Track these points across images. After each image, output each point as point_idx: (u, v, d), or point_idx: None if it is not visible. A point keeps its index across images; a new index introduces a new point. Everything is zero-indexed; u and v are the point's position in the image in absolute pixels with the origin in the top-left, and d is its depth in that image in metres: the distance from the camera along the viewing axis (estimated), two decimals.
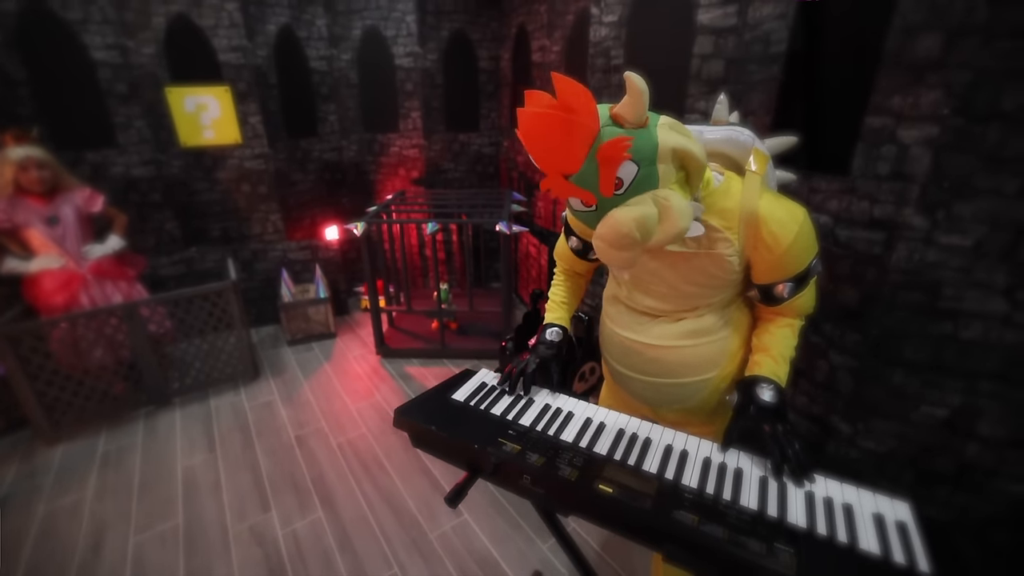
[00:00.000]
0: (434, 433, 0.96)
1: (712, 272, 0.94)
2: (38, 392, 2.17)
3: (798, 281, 0.92)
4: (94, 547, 1.75)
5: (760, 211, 0.88)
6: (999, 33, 0.99)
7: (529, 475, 0.85)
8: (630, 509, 0.77)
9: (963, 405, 1.25)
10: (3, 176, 2.10)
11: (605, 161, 0.75)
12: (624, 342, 1.10)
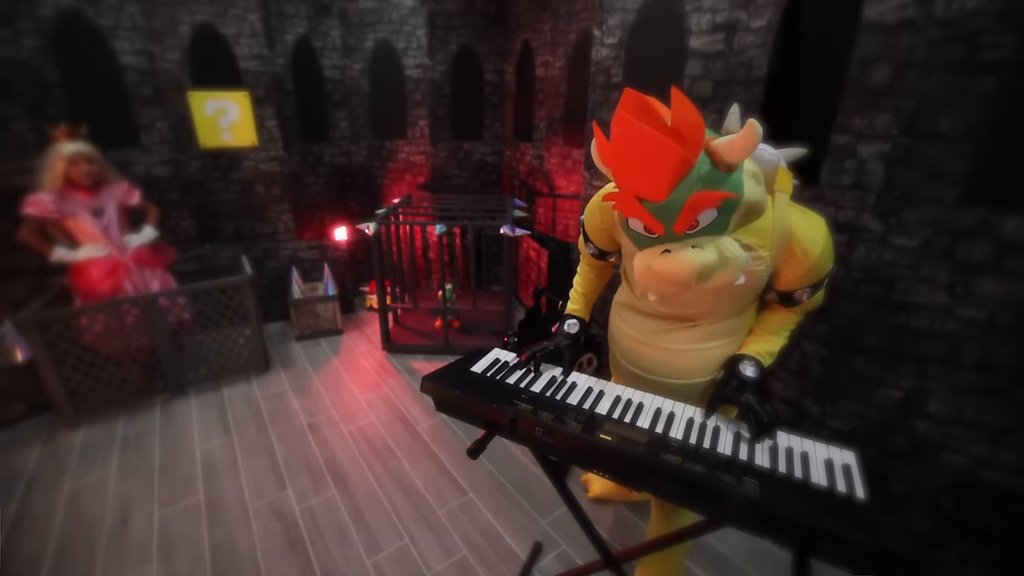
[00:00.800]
0: (457, 396, 1.11)
1: (742, 290, 1.02)
2: (63, 377, 2.29)
3: (816, 287, 1.03)
4: (121, 520, 1.87)
5: (792, 229, 0.94)
6: (936, 67, 1.18)
7: (541, 428, 1.00)
8: (625, 453, 0.93)
9: (914, 387, 1.42)
10: (55, 170, 2.25)
11: (694, 204, 0.76)
12: (636, 346, 1.20)
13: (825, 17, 1.44)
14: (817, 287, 1.04)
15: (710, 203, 0.77)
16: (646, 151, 0.75)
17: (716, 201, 0.77)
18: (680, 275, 0.83)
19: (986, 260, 1.27)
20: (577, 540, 1.78)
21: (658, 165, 0.75)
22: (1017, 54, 1.12)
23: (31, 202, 2.24)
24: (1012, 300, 1.26)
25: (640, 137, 0.74)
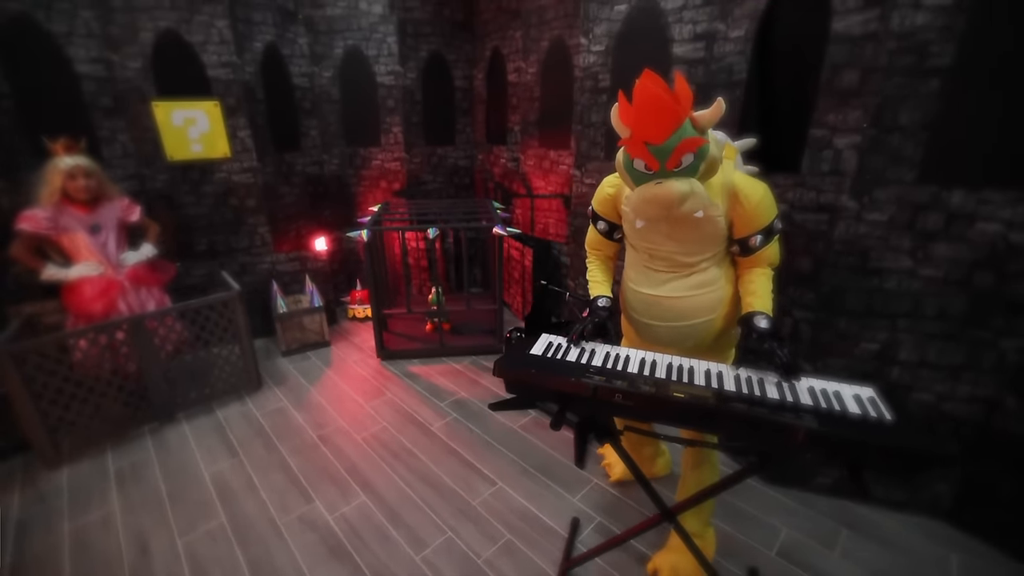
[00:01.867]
0: (535, 375, 1.21)
1: (706, 230, 1.29)
2: (42, 413, 2.10)
3: (766, 234, 1.29)
4: (141, 552, 1.76)
5: (735, 183, 1.27)
6: (895, 72, 1.44)
7: (620, 394, 1.12)
8: (701, 406, 1.07)
9: (888, 339, 1.69)
10: (52, 184, 2.14)
11: (682, 147, 1.10)
12: (647, 298, 1.43)
13: (797, 29, 1.67)
14: (767, 237, 1.30)
15: (692, 147, 1.11)
16: (656, 107, 1.07)
17: (695, 146, 1.11)
18: (667, 196, 1.14)
19: (939, 228, 1.54)
20: (610, 512, 1.92)
21: (662, 117, 1.08)
22: (955, 61, 1.40)
23: (25, 217, 2.14)
24: (960, 259, 1.55)
25: (653, 98, 1.07)
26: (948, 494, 1.80)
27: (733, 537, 1.79)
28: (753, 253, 1.31)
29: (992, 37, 1.36)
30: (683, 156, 1.12)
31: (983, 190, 1.46)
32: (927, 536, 1.78)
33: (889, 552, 1.73)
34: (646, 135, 1.12)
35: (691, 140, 1.11)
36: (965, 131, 1.44)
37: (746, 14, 1.79)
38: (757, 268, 1.35)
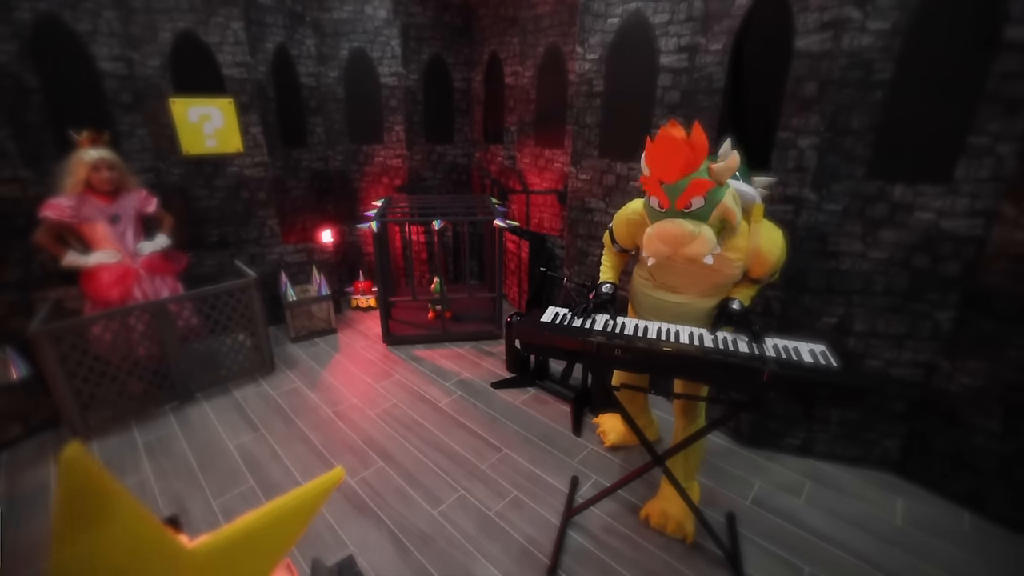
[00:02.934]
0: (547, 335, 1.43)
1: (724, 280, 1.50)
2: (75, 390, 2.24)
3: (775, 273, 1.51)
4: (179, 511, 1.92)
5: (759, 246, 1.42)
6: (846, 84, 1.70)
7: (619, 349, 1.35)
8: (688, 356, 1.30)
9: (844, 313, 1.96)
10: (77, 175, 2.26)
11: (691, 189, 1.25)
12: (655, 301, 1.65)
13: (767, 46, 1.93)
14: (775, 274, 1.53)
15: (701, 190, 1.25)
16: (671, 149, 1.23)
17: (704, 189, 1.25)
18: (672, 233, 1.28)
19: (884, 216, 1.82)
20: (606, 472, 2.15)
21: (676, 158, 1.23)
22: (894, 76, 1.67)
23: (50, 205, 2.25)
24: (902, 243, 1.82)
25: (671, 141, 1.23)
26: (895, 448, 2.08)
27: (714, 490, 2.04)
28: (761, 284, 1.55)
29: (920, 57, 1.63)
30: (692, 198, 1.26)
31: (919, 184, 1.74)
32: (877, 485, 2.06)
33: (846, 498, 1.99)
34: (661, 174, 1.27)
35: (700, 182, 1.24)
36: (903, 135, 1.71)
37: (724, 30, 2.05)
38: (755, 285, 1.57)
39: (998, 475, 1.83)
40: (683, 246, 1.29)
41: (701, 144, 1.22)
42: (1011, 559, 1.72)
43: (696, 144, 1.22)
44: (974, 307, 1.79)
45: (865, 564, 1.70)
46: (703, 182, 1.25)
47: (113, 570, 0.53)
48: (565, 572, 1.67)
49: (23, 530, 1.83)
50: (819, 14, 1.72)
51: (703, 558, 1.72)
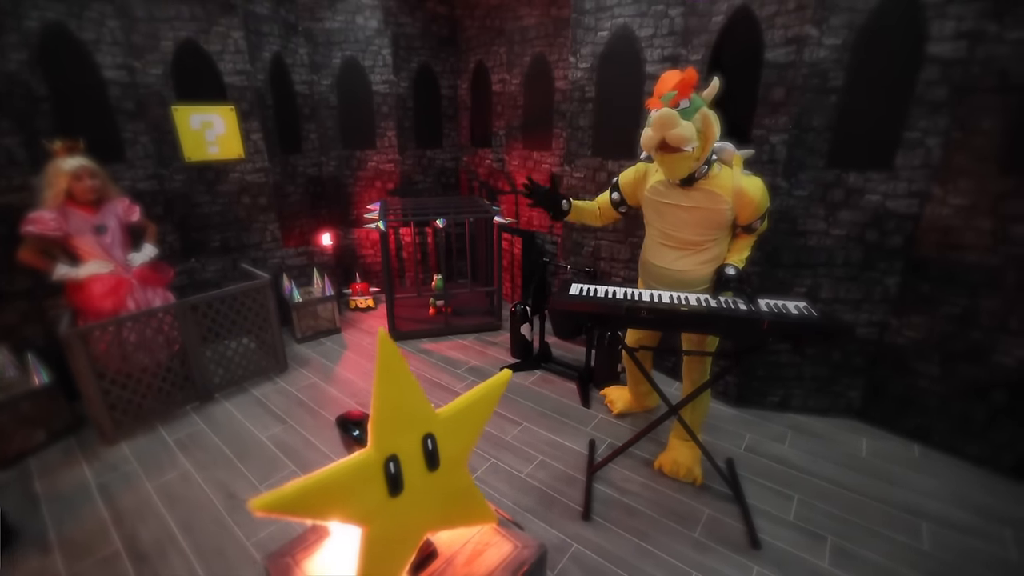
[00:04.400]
0: (583, 303, 1.66)
1: (716, 220, 1.79)
2: (103, 391, 2.27)
3: (763, 217, 1.80)
4: (227, 496, 2.02)
5: (741, 185, 1.72)
6: (808, 89, 2.05)
7: (645, 310, 1.61)
8: (702, 314, 1.58)
9: (812, 283, 2.31)
10: (57, 186, 2.19)
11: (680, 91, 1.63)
12: (661, 270, 1.92)
13: (740, 57, 2.26)
14: (763, 218, 1.82)
15: (686, 92, 1.64)
16: (669, 76, 1.68)
17: (688, 90, 1.64)
18: (662, 118, 1.61)
19: (841, 199, 2.18)
20: (618, 436, 2.40)
21: (670, 80, 1.67)
22: (845, 83, 2.03)
23: (32, 220, 2.17)
24: (856, 222, 2.19)
25: (671, 72, 1.70)
26: (857, 398, 2.45)
27: (712, 443, 2.33)
28: (755, 232, 1.84)
29: (865, 68, 2.00)
30: (680, 99, 1.63)
31: (868, 172, 2.11)
32: (845, 429, 2.42)
33: (820, 442, 2.34)
34: (659, 91, 1.66)
35: (686, 83, 1.62)
36: (854, 131, 2.07)
37: (702, 43, 2.37)
38: (749, 237, 1.87)
39: (938, 411, 2.22)
40: (670, 129, 1.60)
41: (692, 74, 1.65)
42: (953, 476, 2.10)
43: (688, 72, 1.65)
44: (914, 273, 2.18)
45: (841, 489, 2.03)
46: (687, 82, 1.62)
47: (406, 407, 0.75)
48: (597, 515, 1.91)
49: (75, 524, 1.88)
50: (784, 31, 2.06)
51: (712, 495, 2.01)
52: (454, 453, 0.80)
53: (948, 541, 1.78)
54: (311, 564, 0.82)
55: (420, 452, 0.76)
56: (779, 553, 1.73)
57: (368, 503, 0.68)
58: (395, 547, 0.72)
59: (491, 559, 0.86)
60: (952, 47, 1.88)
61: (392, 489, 0.71)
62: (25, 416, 2.24)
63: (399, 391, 0.73)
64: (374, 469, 0.69)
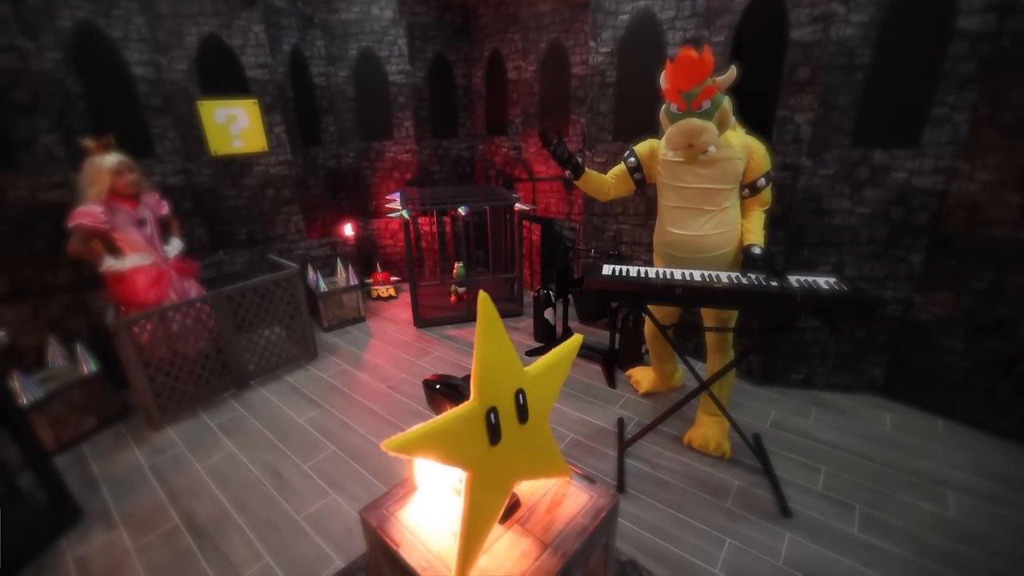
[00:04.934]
0: (619, 283, 1.71)
1: (728, 171, 1.83)
2: (150, 378, 2.36)
3: (767, 177, 1.86)
4: (274, 475, 2.11)
5: (749, 142, 1.83)
6: (834, 68, 2.06)
7: (679, 288, 1.65)
8: (737, 290, 1.62)
9: (836, 261, 2.34)
10: (101, 182, 2.25)
11: (703, 94, 1.64)
12: (683, 237, 1.95)
13: (765, 36, 2.27)
14: (767, 179, 1.88)
15: (709, 95, 1.68)
16: (688, 64, 1.65)
17: (712, 93, 1.68)
18: (690, 127, 1.68)
19: (866, 178, 2.19)
20: (645, 414, 2.46)
21: (691, 72, 1.65)
22: (871, 60, 2.03)
23: (82, 213, 2.24)
24: (881, 200, 2.20)
25: (687, 59, 1.65)
26: (880, 375, 2.49)
27: (738, 419, 2.37)
28: (759, 192, 1.88)
29: (892, 44, 2.00)
30: (703, 101, 1.67)
31: (894, 149, 2.12)
32: (868, 405, 2.46)
33: (845, 417, 2.38)
34: (680, 85, 1.68)
35: (709, 89, 1.66)
36: (880, 108, 2.09)
37: (725, 24, 2.37)
38: (757, 208, 1.91)
39: (963, 385, 2.25)
40: (697, 137, 1.70)
41: (709, 60, 1.66)
42: (977, 448, 2.15)
43: (706, 60, 1.66)
44: (940, 249, 2.20)
45: (866, 460, 2.08)
46: (711, 88, 1.67)
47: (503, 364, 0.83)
48: (631, 488, 1.98)
49: (135, 502, 1.98)
50: (810, 9, 2.07)
51: (741, 468, 2.07)
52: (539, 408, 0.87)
53: (974, 508, 1.83)
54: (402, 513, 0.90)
55: (513, 406, 0.83)
56: (809, 521, 1.79)
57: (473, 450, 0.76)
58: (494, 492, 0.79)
59: (570, 507, 0.93)
60: (982, 20, 1.88)
61: (492, 438, 0.78)
62: (76, 403, 2.34)
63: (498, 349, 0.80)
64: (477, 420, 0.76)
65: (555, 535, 0.85)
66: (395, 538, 0.86)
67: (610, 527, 0.94)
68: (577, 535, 0.85)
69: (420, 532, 0.84)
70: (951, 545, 1.69)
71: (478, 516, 0.76)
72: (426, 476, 0.98)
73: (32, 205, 2.40)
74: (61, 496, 1.87)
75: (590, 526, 0.88)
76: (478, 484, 0.77)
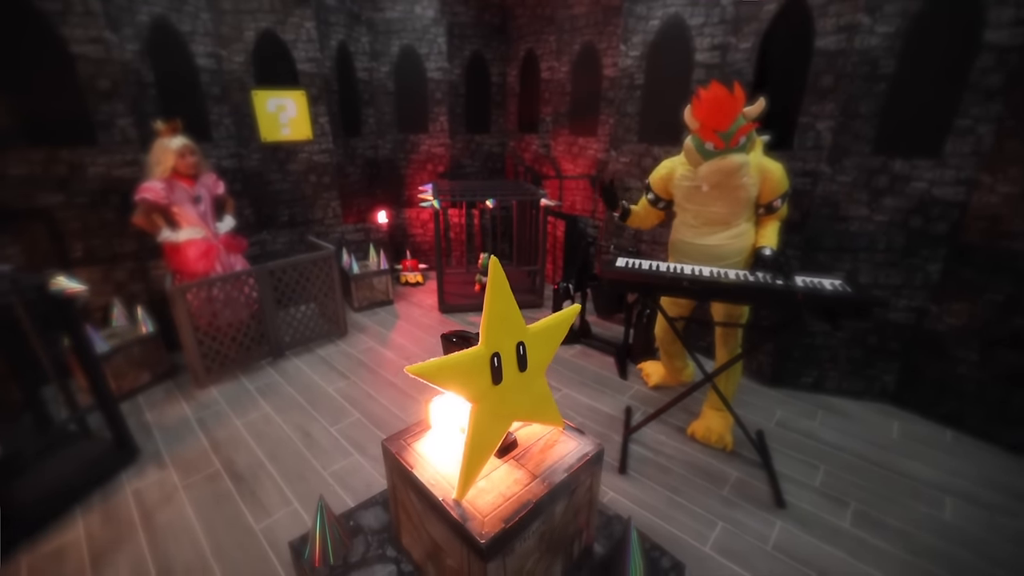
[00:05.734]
0: (632, 274, 1.82)
1: (741, 196, 1.91)
2: (199, 341, 2.61)
3: (783, 198, 1.92)
4: (305, 435, 2.32)
5: (764, 165, 1.88)
6: (857, 76, 2.10)
7: (687, 281, 1.75)
8: (742, 284, 1.71)
9: (852, 268, 2.37)
10: (166, 161, 2.51)
11: (740, 132, 1.70)
12: (696, 247, 2.05)
13: (790, 43, 2.32)
14: (783, 199, 1.94)
15: (746, 132, 1.75)
16: (722, 104, 1.70)
17: (748, 131, 1.75)
18: (732, 166, 1.77)
19: (885, 186, 2.22)
20: (652, 405, 2.56)
21: (727, 112, 1.71)
22: (895, 70, 2.07)
23: (147, 189, 2.49)
24: (900, 208, 2.23)
25: (721, 99, 1.71)
26: (892, 382, 2.50)
27: (744, 416, 2.44)
28: (775, 212, 1.95)
29: (917, 55, 2.03)
30: (740, 138, 1.74)
31: (914, 159, 2.15)
32: (878, 413, 2.48)
33: (851, 421, 2.42)
34: (715, 124, 1.72)
35: (746, 127, 1.72)
36: (902, 118, 2.12)
37: (752, 31, 2.43)
38: (773, 220, 1.99)
39: (976, 397, 2.26)
40: (736, 175, 1.80)
41: (741, 97, 1.73)
42: (984, 460, 2.15)
43: (739, 97, 1.72)
44: (958, 260, 2.21)
45: (868, 463, 2.13)
46: (748, 126, 1.74)
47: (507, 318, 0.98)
48: (633, 471, 2.08)
49: (182, 448, 2.22)
50: (836, 19, 2.12)
51: (741, 461, 2.14)
52: (537, 361, 1.01)
53: (973, 515, 1.86)
54: (417, 445, 1.07)
55: (515, 355, 0.97)
56: (802, 512, 1.86)
57: (478, 385, 0.90)
58: (493, 424, 0.94)
59: (560, 451, 1.07)
60: (1010, 34, 1.89)
61: (495, 378, 0.93)
62: (135, 359, 2.62)
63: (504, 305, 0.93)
64: (483, 361, 0.91)
65: (544, 469, 1.00)
66: (410, 462, 1.02)
67: (594, 470, 1.08)
68: (563, 471, 0.99)
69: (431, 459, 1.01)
70: (943, 546, 1.73)
71: (479, 442, 0.91)
72: (438, 417, 1.13)
73: (107, 180, 2.69)
74: (123, 437, 2.12)
75: (575, 465, 1.02)
76: (480, 415, 0.91)
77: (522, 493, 0.95)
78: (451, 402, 1.13)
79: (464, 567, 0.92)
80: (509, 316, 0.95)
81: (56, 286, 1.88)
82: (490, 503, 0.92)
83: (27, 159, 2.51)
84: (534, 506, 0.92)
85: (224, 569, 1.65)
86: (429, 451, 1.05)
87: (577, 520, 1.10)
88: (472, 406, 0.91)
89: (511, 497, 0.93)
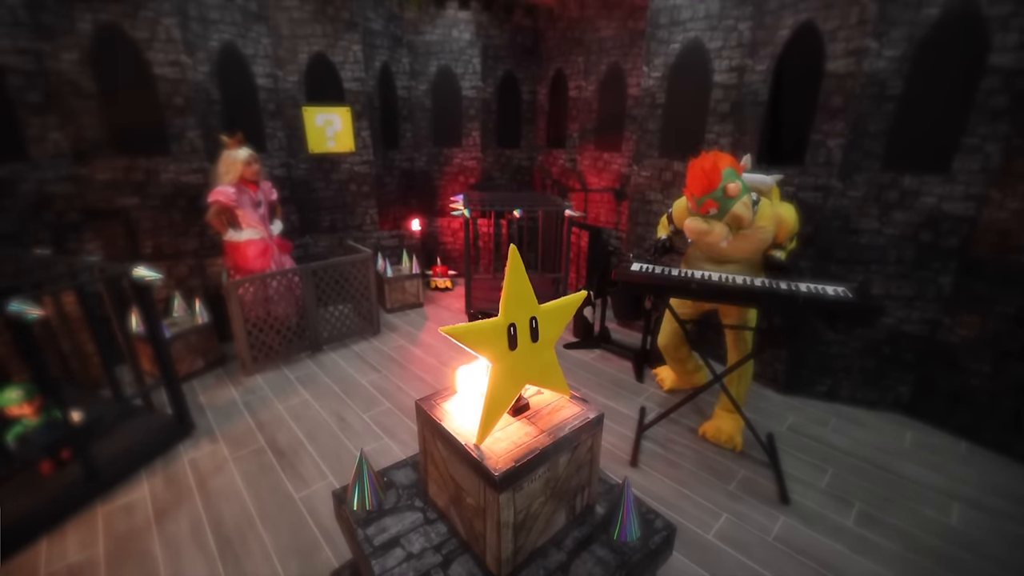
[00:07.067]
0: (646, 277, 1.97)
1: (753, 241, 2.02)
2: (247, 332, 2.88)
3: (792, 238, 2.06)
4: (340, 420, 2.53)
5: (780, 214, 2.00)
6: (866, 97, 2.22)
7: (695, 284, 1.89)
8: (747, 288, 1.84)
9: (863, 279, 2.45)
10: (235, 170, 2.84)
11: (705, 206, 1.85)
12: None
13: (802, 66, 2.45)
14: (792, 239, 2.07)
15: (710, 207, 1.86)
16: (696, 176, 1.85)
17: (713, 207, 1.85)
18: (695, 228, 1.91)
19: (896, 200, 2.31)
20: (666, 406, 2.66)
21: (698, 183, 1.85)
22: (903, 91, 2.17)
23: (220, 192, 2.81)
24: (910, 222, 2.31)
25: (697, 170, 1.85)
26: (906, 393, 2.54)
27: (755, 420, 2.52)
28: (785, 249, 2.09)
29: (924, 77, 2.14)
30: (709, 209, 1.86)
31: (924, 175, 2.23)
32: (890, 422, 2.52)
33: (863, 429, 2.47)
34: (691, 189, 1.89)
35: (709, 203, 1.85)
36: (911, 136, 2.21)
37: (768, 54, 2.58)
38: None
39: (989, 408, 2.28)
40: (702, 237, 1.93)
41: (716, 179, 1.83)
42: (996, 469, 2.17)
43: (712, 179, 1.83)
44: (969, 273, 2.26)
45: (876, 468, 2.18)
46: (711, 203, 1.86)
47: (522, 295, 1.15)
48: (644, 464, 2.20)
49: (231, 426, 2.47)
50: (845, 43, 2.24)
51: (749, 460, 2.23)
52: (547, 335, 1.19)
53: (979, 520, 1.90)
54: (445, 404, 1.26)
55: (528, 327, 1.14)
56: (806, 510, 1.94)
57: (497, 349, 1.08)
58: (508, 384, 1.11)
59: (565, 413, 1.24)
60: (1015, 57, 1.99)
61: (511, 344, 1.10)
62: (192, 346, 2.90)
63: (520, 284, 1.10)
64: (502, 329, 1.08)
65: (551, 427, 1.17)
66: (438, 416, 1.21)
67: (595, 431, 1.26)
68: (568, 428, 1.16)
69: (456, 415, 1.20)
70: (946, 547, 1.78)
71: (496, 397, 1.08)
72: (463, 383, 1.31)
73: (176, 186, 3.02)
74: (183, 413, 2.38)
75: (578, 425, 1.18)
76: (498, 373, 1.09)
77: (531, 442, 1.12)
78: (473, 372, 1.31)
79: (481, 501, 1.09)
80: (524, 294, 1.12)
81: (137, 275, 2.16)
82: (504, 449, 1.10)
83: (112, 166, 2.86)
84: (540, 452, 1.10)
85: (268, 528, 1.86)
86: (455, 409, 1.24)
87: (579, 475, 1.26)
88: (491, 366, 1.08)
89: (522, 445, 1.11)
